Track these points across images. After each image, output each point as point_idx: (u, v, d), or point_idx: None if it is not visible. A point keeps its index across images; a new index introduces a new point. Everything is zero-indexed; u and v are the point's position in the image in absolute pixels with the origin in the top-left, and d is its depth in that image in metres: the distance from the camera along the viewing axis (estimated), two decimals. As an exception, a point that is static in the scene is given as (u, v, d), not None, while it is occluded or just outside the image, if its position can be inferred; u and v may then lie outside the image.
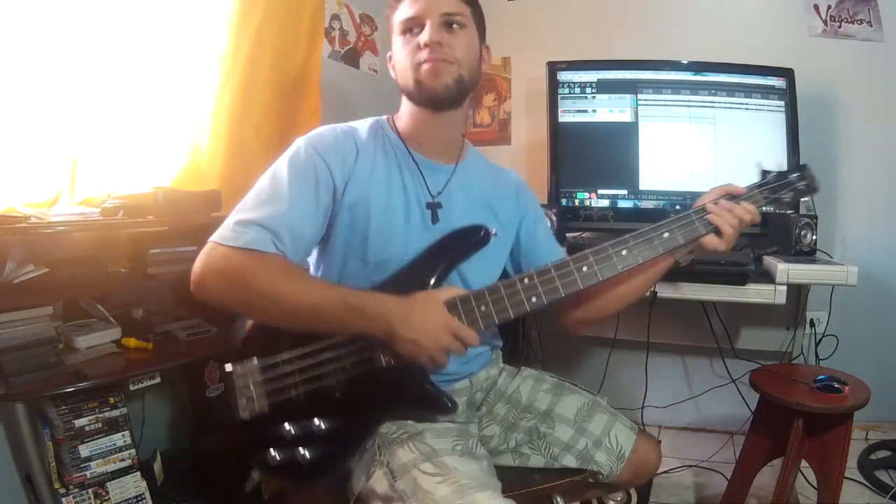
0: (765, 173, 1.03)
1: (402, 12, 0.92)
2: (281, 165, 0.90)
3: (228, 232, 0.83)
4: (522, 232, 1.10)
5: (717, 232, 0.95)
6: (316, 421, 0.88)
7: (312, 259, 1.00)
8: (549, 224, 1.15)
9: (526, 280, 0.89)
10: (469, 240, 0.95)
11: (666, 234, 0.93)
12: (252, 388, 0.87)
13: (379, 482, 0.85)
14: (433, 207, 0.97)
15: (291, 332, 0.87)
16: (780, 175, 1.02)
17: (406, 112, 0.99)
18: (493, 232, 0.96)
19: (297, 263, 0.88)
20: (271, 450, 0.87)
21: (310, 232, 0.89)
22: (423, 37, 0.90)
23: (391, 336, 0.81)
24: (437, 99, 0.93)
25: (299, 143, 0.92)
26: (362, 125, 0.99)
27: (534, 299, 0.88)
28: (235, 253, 0.81)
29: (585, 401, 1.08)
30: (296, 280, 0.83)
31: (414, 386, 0.89)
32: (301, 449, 0.87)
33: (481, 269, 1.00)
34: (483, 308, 0.86)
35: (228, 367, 0.87)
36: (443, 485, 0.79)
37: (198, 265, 0.82)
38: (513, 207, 1.09)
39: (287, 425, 0.87)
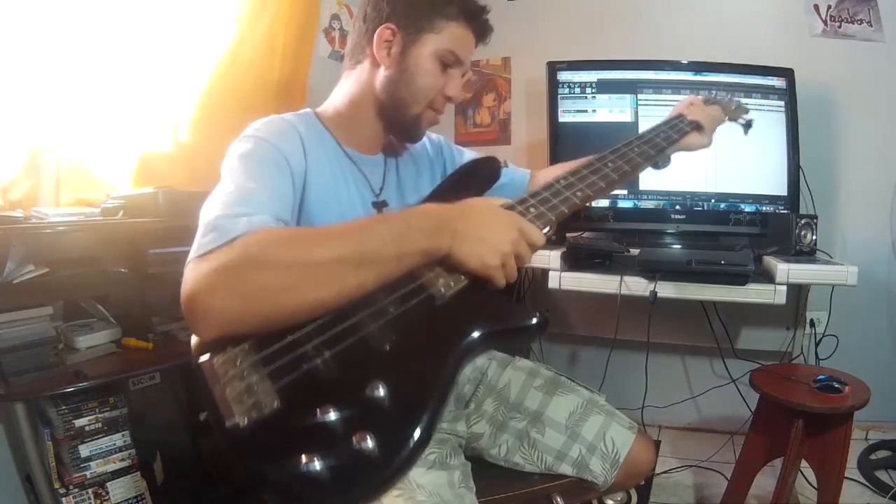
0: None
1: (458, 44, 0.87)
2: (235, 164, 0.76)
3: (205, 239, 0.64)
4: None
5: (699, 128, 1.07)
6: (367, 391, 0.56)
7: None
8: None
9: (562, 181, 0.82)
10: (484, 172, 0.90)
11: (663, 135, 1.02)
12: (246, 376, 0.57)
13: None
14: (379, 207, 0.92)
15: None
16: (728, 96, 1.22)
17: (354, 105, 0.91)
18: (504, 162, 0.97)
19: None
20: (303, 463, 0.51)
21: (288, 215, 0.75)
22: (454, 91, 0.89)
23: (453, 239, 0.66)
24: (413, 141, 0.97)
25: (248, 137, 0.80)
26: (296, 118, 0.88)
27: (579, 193, 0.82)
28: (224, 250, 0.62)
29: (580, 401, 1.04)
30: (312, 233, 0.69)
31: (490, 302, 0.69)
32: (355, 443, 0.52)
33: None
34: (532, 210, 0.75)
35: (204, 358, 0.60)
36: (399, 499, 0.78)
37: (186, 288, 0.60)
38: (436, 162, 1.06)
39: (319, 416, 0.54)
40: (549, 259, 1.62)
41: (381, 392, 0.56)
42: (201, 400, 0.58)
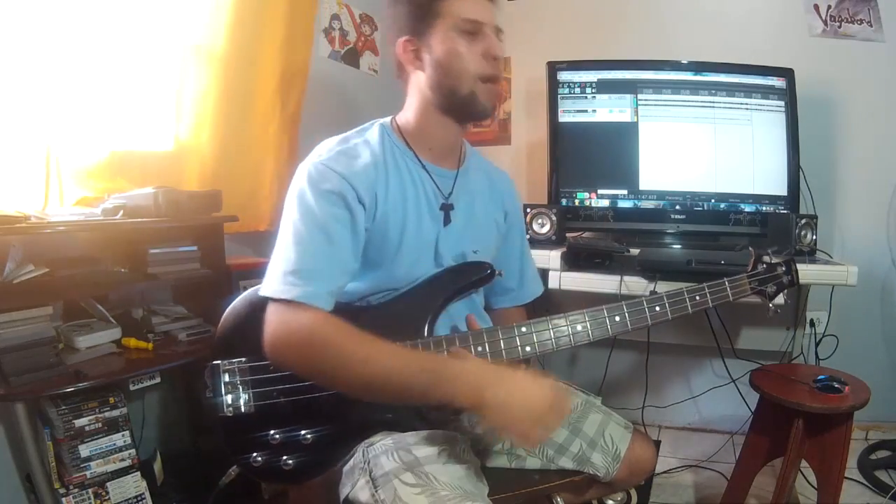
0: (756, 263, 1.09)
1: (469, 9, 0.88)
2: (309, 201, 0.84)
3: (280, 285, 0.80)
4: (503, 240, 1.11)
5: None
6: (301, 430, 0.87)
7: None
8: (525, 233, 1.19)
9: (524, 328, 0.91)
10: (473, 276, 0.96)
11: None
12: (239, 387, 0.87)
13: (362, 490, 0.85)
14: (446, 209, 0.97)
15: None
16: (770, 267, 1.09)
17: (419, 114, 0.95)
18: (499, 272, 0.98)
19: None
20: (253, 452, 0.87)
21: (350, 271, 0.87)
22: (493, 50, 0.89)
23: (479, 401, 0.75)
24: (484, 117, 0.95)
25: (319, 169, 0.86)
26: (371, 136, 0.95)
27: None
28: (295, 317, 0.78)
29: (579, 401, 1.08)
30: (364, 346, 0.78)
31: (404, 406, 0.90)
32: (283, 455, 0.87)
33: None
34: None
35: (216, 361, 0.86)
36: (421, 496, 0.79)
37: (268, 337, 0.80)
38: (503, 214, 1.10)
39: (270, 430, 0.87)
40: (549, 259, 1.62)
41: (309, 437, 0.87)
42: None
